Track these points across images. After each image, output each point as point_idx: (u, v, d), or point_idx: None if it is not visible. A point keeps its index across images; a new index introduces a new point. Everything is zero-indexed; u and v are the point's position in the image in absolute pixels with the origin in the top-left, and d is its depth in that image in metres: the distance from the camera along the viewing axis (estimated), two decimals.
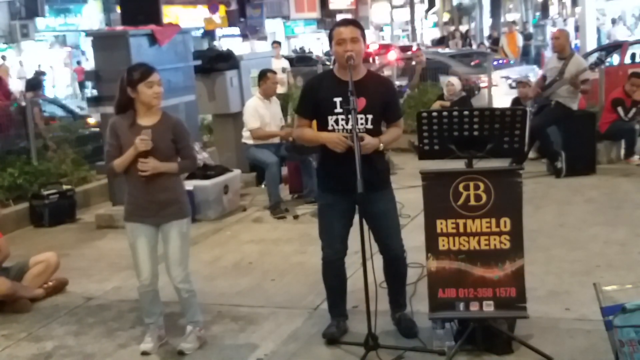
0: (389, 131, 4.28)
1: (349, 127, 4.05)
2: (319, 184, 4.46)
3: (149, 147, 4.18)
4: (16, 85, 17.86)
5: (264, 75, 8.06)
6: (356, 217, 4.20)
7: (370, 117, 4.15)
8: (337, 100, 4.12)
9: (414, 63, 13.61)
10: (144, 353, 4.42)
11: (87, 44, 26.61)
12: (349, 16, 34.68)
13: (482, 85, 12.34)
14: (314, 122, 4.35)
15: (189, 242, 4.48)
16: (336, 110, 4.14)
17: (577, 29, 21.76)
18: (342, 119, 4.12)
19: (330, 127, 4.18)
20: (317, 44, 47.37)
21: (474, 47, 23.32)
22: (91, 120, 10.94)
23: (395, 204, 4.41)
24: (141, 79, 4.24)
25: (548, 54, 17.44)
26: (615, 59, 14.34)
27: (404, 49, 23.13)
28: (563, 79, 8.41)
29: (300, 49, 41.70)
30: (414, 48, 22.49)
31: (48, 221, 7.88)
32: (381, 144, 4.14)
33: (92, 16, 31.01)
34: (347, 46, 4.08)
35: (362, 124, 4.14)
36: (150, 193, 4.27)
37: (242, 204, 8.06)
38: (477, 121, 4.02)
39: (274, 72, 8.25)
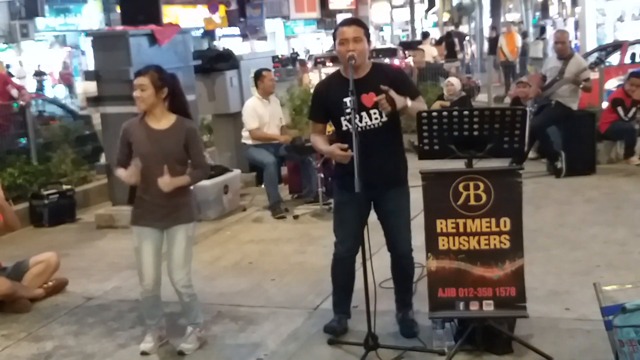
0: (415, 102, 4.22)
1: (362, 124, 4.09)
2: (336, 182, 4.48)
3: (136, 181, 4.21)
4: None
5: (260, 74, 8.07)
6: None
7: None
8: (347, 100, 4.12)
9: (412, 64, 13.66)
10: (144, 353, 4.42)
11: (87, 44, 26.64)
12: (348, 16, 34.71)
13: None
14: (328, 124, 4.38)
15: (192, 246, 4.47)
16: (347, 110, 4.15)
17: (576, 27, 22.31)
18: (355, 118, 4.12)
19: (344, 128, 4.20)
20: (316, 44, 47.39)
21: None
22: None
23: (408, 203, 4.38)
24: (134, 84, 4.27)
25: (549, 53, 17.47)
26: (615, 59, 14.36)
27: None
28: (563, 78, 8.41)
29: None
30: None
31: (48, 221, 7.89)
32: (407, 102, 4.09)
33: (92, 16, 31.04)
34: (350, 46, 4.09)
35: (376, 118, 4.17)
36: (159, 197, 4.25)
37: (242, 204, 8.06)
38: (477, 121, 4.02)
39: (269, 70, 8.25)
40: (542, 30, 24.50)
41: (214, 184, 7.62)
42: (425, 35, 21.07)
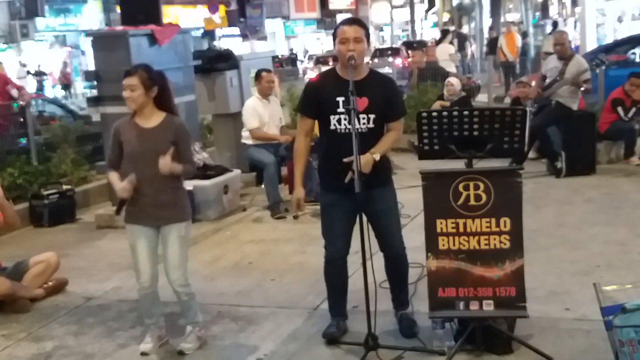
0: (383, 140, 4.23)
1: (350, 127, 4.06)
2: (321, 183, 4.46)
3: (128, 196, 4.22)
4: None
5: (259, 75, 8.06)
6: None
7: (372, 116, 4.16)
8: (340, 99, 4.11)
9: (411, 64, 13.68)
10: (143, 353, 4.42)
11: (87, 44, 26.65)
12: (348, 16, 34.76)
13: None
14: (316, 122, 4.36)
15: (188, 245, 4.47)
16: (338, 110, 4.14)
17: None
18: (345, 119, 4.12)
19: (332, 127, 4.19)
20: (316, 44, 47.37)
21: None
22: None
23: (396, 201, 4.41)
24: (123, 84, 4.27)
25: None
26: None
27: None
28: (564, 79, 8.41)
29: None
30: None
31: (48, 221, 7.88)
32: (376, 156, 4.11)
33: (92, 16, 31.04)
34: (350, 45, 4.09)
35: (364, 123, 4.15)
36: (150, 195, 4.26)
37: (242, 204, 8.05)
38: (477, 121, 4.02)
39: (269, 71, 8.24)
40: (555, 25, 24.91)
41: (214, 184, 7.62)
42: (445, 32, 21.04)
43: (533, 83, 9.46)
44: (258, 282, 5.64)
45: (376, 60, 26.45)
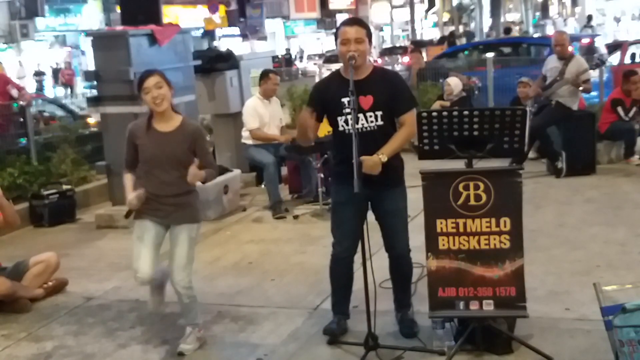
0: (392, 139, 4.19)
1: (359, 126, 4.07)
2: (334, 181, 4.46)
3: (135, 207, 4.25)
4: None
5: (266, 75, 8.03)
6: None
7: (379, 113, 4.16)
8: (345, 100, 4.11)
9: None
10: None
11: (87, 44, 26.66)
12: (348, 16, 34.69)
13: None
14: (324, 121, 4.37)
15: (195, 247, 4.46)
16: (345, 111, 4.14)
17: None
18: (352, 119, 4.11)
19: (340, 128, 4.20)
20: (316, 44, 47.38)
21: None
22: (91, 120, 10.95)
23: (405, 203, 4.38)
24: (139, 87, 4.24)
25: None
26: (615, 59, 14.35)
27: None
28: (564, 79, 8.41)
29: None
30: None
31: (48, 221, 7.88)
32: (382, 157, 4.07)
33: (92, 16, 31.07)
34: (351, 46, 4.08)
35: (372, 121, 4.15)
36: (165, 195, 4.25)
37: (242, 204, 8.06)
38: (477, 121, 4.02)
39: (276, 73, 8.22)
40: (590, 18, 25.10)
41: (214, 184, 7.59)
42: (508, 30, 20.88)
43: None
44: (258, 282, 5.64)
45: (386, 58, 26.76)
